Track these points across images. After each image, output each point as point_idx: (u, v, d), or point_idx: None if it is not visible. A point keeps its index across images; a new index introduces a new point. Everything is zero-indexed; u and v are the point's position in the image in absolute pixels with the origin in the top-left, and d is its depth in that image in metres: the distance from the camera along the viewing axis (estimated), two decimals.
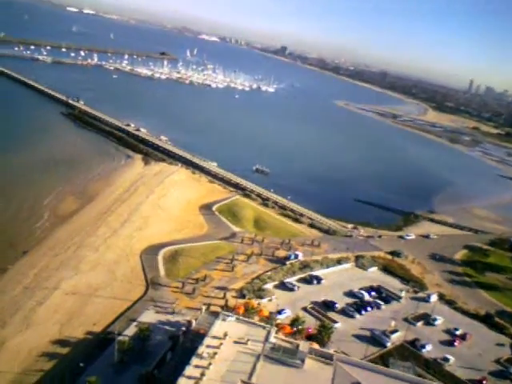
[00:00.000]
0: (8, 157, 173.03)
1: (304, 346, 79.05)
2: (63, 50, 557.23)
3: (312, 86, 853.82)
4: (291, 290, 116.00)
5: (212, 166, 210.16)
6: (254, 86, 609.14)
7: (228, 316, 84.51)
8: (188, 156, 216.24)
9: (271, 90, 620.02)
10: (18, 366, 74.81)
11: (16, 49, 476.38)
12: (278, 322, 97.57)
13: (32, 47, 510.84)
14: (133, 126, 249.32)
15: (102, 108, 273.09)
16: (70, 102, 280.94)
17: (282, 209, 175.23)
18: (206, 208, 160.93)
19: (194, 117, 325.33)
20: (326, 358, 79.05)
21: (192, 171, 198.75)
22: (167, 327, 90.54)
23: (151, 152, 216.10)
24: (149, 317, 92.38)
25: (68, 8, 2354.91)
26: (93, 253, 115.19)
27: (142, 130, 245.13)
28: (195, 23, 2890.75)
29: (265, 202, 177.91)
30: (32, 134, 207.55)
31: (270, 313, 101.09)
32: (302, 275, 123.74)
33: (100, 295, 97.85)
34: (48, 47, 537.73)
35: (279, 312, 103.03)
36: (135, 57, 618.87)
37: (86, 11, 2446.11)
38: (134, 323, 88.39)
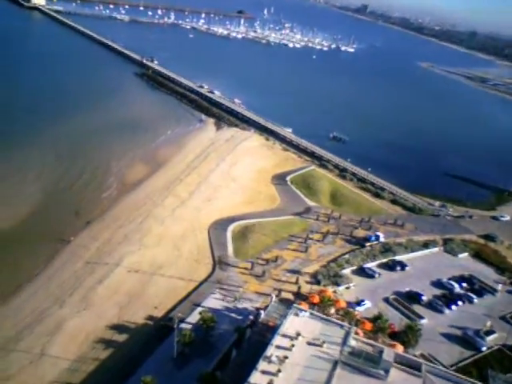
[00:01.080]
0: (78, 119, 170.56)
1: (389, 353, 68.07)
2: (141, 8, 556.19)
3: (394, 46, 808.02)
4: (371, 276, 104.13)
5: (287, 132, 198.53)
6: (333, 46, 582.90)
7: (301, 310, 74.75)
8: (261, 121, 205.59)
9: (351, 50, 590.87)
10: (74, 353, 69.38)
11: (96, 8, 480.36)
12: (357, 314, 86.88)
13: (111, 6, 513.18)
14: (206, 87, 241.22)
15: (175, 68, 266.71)
16: (144, 61, 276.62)
17: (361, 182, 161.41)
18: (279, 178, 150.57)
19: (270, 78, 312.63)
20: (414, 368, 67.85)
21: (265, 137, 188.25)
22: (233, 315, 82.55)
23: (224, 116, 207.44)
24: (214, 302, 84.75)
25: None
26: (158, 225, 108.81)
27: (216, 92, 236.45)
28: None
29: (342, 173, 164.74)
30: (103, 95, 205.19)
31: (348, 303, 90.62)
32: (384, 260, 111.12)
33: (163, 274, 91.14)
34: (126, 6, 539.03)
35: (358, 303, 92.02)
36: (212, 16, 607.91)
37: None
38: (198, 309, 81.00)
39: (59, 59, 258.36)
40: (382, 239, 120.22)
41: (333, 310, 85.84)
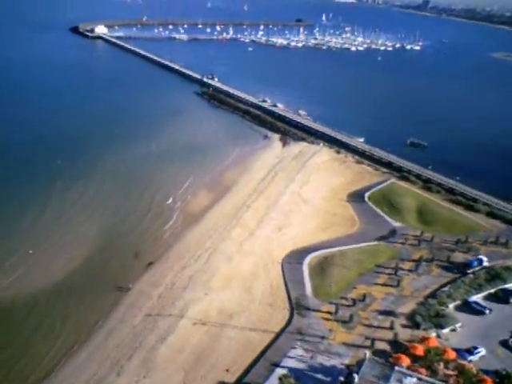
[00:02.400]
0: (136, 144, 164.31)
1: None
2: (199, 26, 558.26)
3: (462, 39, 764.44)
4: (480, 313, 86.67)
5: (358, 142, 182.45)
6: (398, 46, 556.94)
7: (406, 375, 59.72)
8: (330, 132, 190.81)
9: (417, 47, 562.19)
10: None
11: (156, 30, 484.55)
12: (472, 367, 70.25)
13: (170, 27, 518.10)
14: (269, 101, 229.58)
15: (236, 84, 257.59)
16: (205, 79, 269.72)
17: (450, 193, 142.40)
18: (356, 196, 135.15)
19: (334, 85, 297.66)
20: None
21: (336, 150, 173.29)
22: (320, 376, 68.59)
23: (289, 130, 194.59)
24: (295, 360, 71.18)
25: None
26: (226, 263, 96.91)
27: (279, 105, 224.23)
28: None
29: (427, 185, 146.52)
30: (163, 117, 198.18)
31: (457, 352, 74.09)
32: (492, 290, 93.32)
33: (234, 325, 78.84)
34: (185, 25, 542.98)
35: (470, 351, 75.24)
36: (270, 27, 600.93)
37: None
38: (277, 371, 67.84)
39: (119, 83, 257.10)
40: (485, 263, 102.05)
41: (441, 366, 69.75)
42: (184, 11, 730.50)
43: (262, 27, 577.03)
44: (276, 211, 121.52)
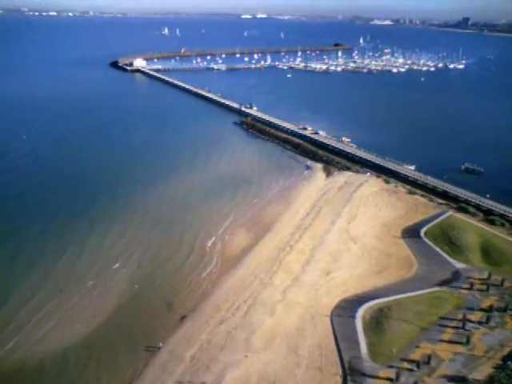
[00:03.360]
0: (176, 178, 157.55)
1: None
2: (237, 55, 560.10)
3: (508, 54, 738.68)
4: None
5: (409, 170, 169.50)
6: (440, 65, 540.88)
7: None
8: (376, 159, 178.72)
9: (460, 66, 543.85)
10: None
11: (194, 62, 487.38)
12: None
13: (208, 58, 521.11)
14: (310, 129, 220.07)
15: (275, 112, 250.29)
16: (243, 109, 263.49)
17: None
18: (411, 232, 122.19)
19: (377, 110, 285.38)
20: None
21: (384, 179, 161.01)
22: None
23: (333, 159, 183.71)
24: None
25: (242, 16, 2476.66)
26: (268, 316, 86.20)
27: (321, 132, 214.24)
28: (366, 10, 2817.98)
29: (488, 217, 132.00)
30: (200, 149, 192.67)
31: None
32: None
33: None
34: (223, 55, 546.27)
35: None
36: (308, 52, 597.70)
37: (259, 16, 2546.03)
38: None
39: (157, 116, 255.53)
40: None
41: None
42: (222, 41, 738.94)
43: (299, 53, 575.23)
44: (322, 252, 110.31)
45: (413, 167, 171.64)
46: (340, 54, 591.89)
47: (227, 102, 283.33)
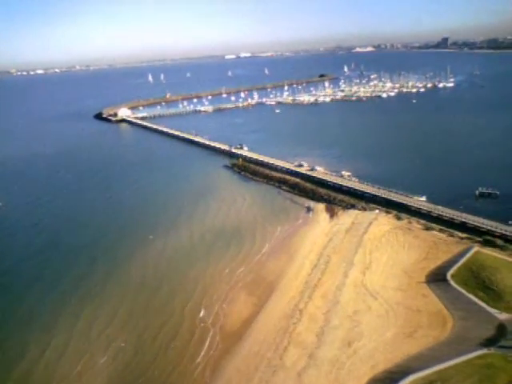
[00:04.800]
0: (162, 236, 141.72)
1: None
2: (223, 95, 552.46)
3: (493, 69, 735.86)
4: None
5: (420, 201, 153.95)
6: (429, 85, 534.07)
7: None
8: (383, 193, 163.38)
9: (450, 84, 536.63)
10: None
11: (180, 106, 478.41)
12: None
13: (194, 100, 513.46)
14: (306, 165, 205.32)
15: (268, 151, 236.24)
16: (233, 150, 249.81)
17: None
18: (437, 278, 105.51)
19: (373, 138, 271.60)
20: None
21: (395, 215, 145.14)
22: None
23: (335, 196, 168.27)
24: None
25: (226, 56, 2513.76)
26: None
27: (318, 168, 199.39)
28: (346, 39, 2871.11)
29: None
30: (189, 198, 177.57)
31: None
32: None
33: None
34: (209, 97, 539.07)
35: None
36: (295, 85, 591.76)
37: (242, 55, 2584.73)
38: None
39: (142, 165, 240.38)
40: None
41: None
42: (207, 83, 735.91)
43: (286, 87, 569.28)
44: (338, 315, 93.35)
45: (423, 198, 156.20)
46: (327, 84, 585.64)
47: (216, 145, 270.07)
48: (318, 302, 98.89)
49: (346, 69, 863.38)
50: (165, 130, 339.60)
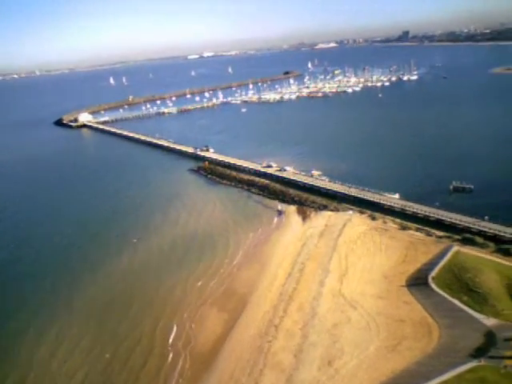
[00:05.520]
0: (122, 251, 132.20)
1: None
2: (188, 96, 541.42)
3: (453, 61, 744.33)
4: None
5: (393, 199, 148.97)
6: (394, 79, 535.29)
7: None
8: (356, 192, 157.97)
9: (414, 77, 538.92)
10: None
11: (143, 108, 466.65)
12: None
13: (158, 102, 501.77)
14: (275, 166, 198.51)
15: (235, 152, 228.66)
16: (199, 153, 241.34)
17: None
18: (417, 282, 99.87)
19: (342, 134, 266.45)
20: None
21: (370, 215, 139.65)
22: None
23: (306, 198, 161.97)
24: None
25: (189, 56, 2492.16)
26: None
27: (287, 168, 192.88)
28: (311, 37, 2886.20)
29: (500, 246, 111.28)
30: (152, 207, 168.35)
31: None
32: None
33: None
34: (173, 98, 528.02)
35: None
36: (260, 84, 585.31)
37: (205, 55, 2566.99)
38: None
39: (102, 173, 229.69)
40: None
41: None
42: (171, 84, 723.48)
43: (251, 86, 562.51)
44: (316, 329, 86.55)
45: (396, 195, 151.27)
46: (292, 81, 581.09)
47: (181, 148, 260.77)
48: (294, 316, 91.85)
49: (309, 65, 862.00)
50: (127, 134, 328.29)
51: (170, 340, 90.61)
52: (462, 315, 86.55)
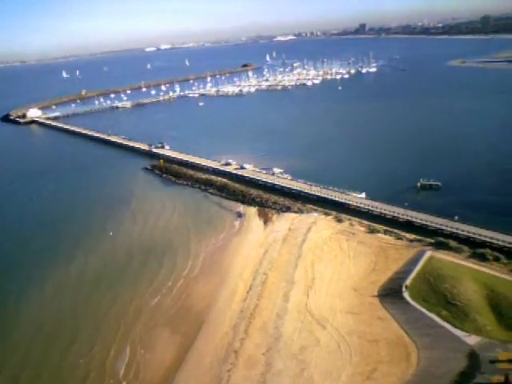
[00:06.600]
0: (64, 262, 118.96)
1: None
2: (143, 89, 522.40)
3: (410, 53, 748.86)
4: None
5: (359, 199, 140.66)
6: (353, 71, 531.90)
7: None
8: (319, 191, 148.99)
9: (372, 69, 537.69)
10: None
11: (96, 102, 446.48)
12: None
13: (112, 96, 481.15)
14: (234, 163, 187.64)
15: (192, 149, 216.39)
16: (154, 150, 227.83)
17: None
18: (391, 294, 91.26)
19: (302, 129, 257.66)
20: None
21: (335, 217, 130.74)
22: None
23: (267, 198, 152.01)
24: None
25: (146, 49, 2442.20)
26: None
27: (247, 166, 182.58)
28: (269, 29, 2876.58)
29: (476, 250, 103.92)
30: (98, 212, 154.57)
31: None
32: None
33: None
34: (128, 91, 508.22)
35: None
36: (218, 76, 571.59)
37: (162, 47, 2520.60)
38: None
39: (49, 173, 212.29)
40: None
41: None
42: (126, 77, 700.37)
43: (209, 79, 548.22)
44: (282, 354, 76.62)
45: (363, 195, 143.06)
46: (251, 74, 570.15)
47: (134, 145, 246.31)
48: (257, 338, 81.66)
49: (268, 58, 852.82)
50: (78, 130, 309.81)
51: (122, 371, 78.89)
52: (441, 332, 78.30)
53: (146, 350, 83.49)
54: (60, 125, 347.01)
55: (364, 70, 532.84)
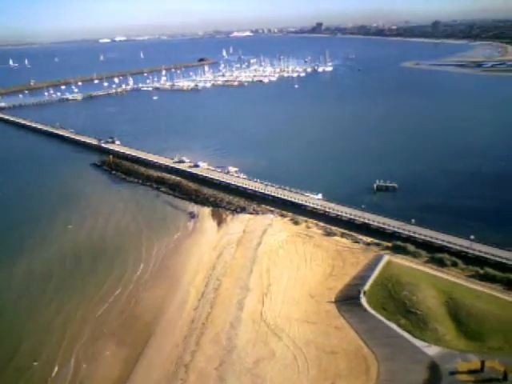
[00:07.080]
0: (4, 265, 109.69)
1: None
2: (95, 81, 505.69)
3: (367, 54, 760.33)
4: None
5: (316, 200, 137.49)
6: (309, 70, 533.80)
7: None
8: (275, 192, 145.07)
9: (329, 68, 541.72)
10: None
11: (46, 94, 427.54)
12: None
13: (63, 87, 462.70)
14: (188, 161, 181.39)
15: (144, 145, 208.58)
16: (103, 145, 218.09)
17: (474, 263, 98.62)
18: (348, 301, 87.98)
19: (258, 127, 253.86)
20: None
21: (292, 219, 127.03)
22: None
23: (222, 198, 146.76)
24: None
25: (100, 40, 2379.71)
26: None
27: (201, 163, 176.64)
28: (227, 24, 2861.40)
29: (434, 255, 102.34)
30: (38, 213, 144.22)
31: None
32: None
33: None
34: (79, 83, 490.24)
35: None
36: (173, 70, 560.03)
37: (117, 39, 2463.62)
38: None
39: None
40: None
41: None
42: (78, 68, 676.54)
43: (164, 72, 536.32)
44: (235, 368, 71.81)
45: (319, 196, 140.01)
46: (207, 68, 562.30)
47: (83, 139, 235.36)
48: (209, 350, 76.50)
49: (224, 53, 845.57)
50: (23, 122, 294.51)
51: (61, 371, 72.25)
52: (401, 343, 75.50)
53: (89, 364, 76.73)
54: (6, 116, 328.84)
55: (320, 69, 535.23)
